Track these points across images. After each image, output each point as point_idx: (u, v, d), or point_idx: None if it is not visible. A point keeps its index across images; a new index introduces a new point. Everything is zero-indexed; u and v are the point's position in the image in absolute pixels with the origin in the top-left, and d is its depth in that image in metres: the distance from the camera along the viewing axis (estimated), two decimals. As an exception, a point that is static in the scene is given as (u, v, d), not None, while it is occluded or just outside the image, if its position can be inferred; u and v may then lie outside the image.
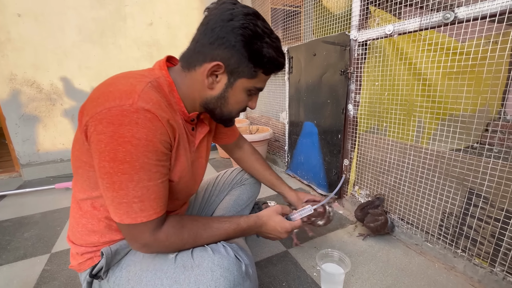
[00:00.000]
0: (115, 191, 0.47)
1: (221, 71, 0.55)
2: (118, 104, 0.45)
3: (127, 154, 0.45)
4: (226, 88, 0.57)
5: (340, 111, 1.26)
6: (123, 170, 0.46)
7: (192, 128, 0.64)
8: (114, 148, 0.45)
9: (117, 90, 0.47)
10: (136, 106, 0.45)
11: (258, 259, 0.96)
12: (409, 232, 1.03)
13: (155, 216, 0.51)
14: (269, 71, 0.58)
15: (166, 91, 0.54)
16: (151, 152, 0.47)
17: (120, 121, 0.44)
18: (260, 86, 0.60)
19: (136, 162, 0.46)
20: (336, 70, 1.25)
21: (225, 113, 0.62)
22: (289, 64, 1.67)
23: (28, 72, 1.79)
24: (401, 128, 1.02)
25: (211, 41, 0.53)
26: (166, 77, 0.56)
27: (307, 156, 1.60)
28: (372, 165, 1.16)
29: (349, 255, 0.96)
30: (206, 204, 0.97)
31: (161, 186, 0.51)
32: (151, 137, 0.47)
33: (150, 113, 0.46)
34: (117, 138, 0.44)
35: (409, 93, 0.96)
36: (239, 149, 0.97)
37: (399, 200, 1.06)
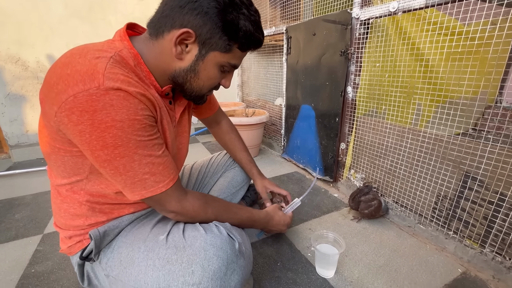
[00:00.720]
0: (123, 174, 0.47)
1: (192, 40, 0.49)
2: (83, 88, 0.40)
3: (116, 138, 0.43)
4: (197, 61, 0.52)
5: (339, 93, 1.23)
6: (121, 154, 0.45)
7: (169, 102, 0.60)
8: (100, 136, 0.42)
9: (76, 72, 0.41)
10: (104, 88, 0.41)
11: (253, 240, 0.96)
12: (402, 214, 1.04)
13: (172, 182, 0.52)
14: (245, 46, 0.53)
15: (131, 65, 0.49)
16: (140, 130, 0.45)
17: (93, 107, 0.40)
18: (234, 62, 0.56)
19: (129, 143, 0.44)
20: (336, 50, 1.21)
21: (195, 89, 0.57)
22: (287, 45, 1.61)
23: (12, 48, 1.70)
24: (400, 112, 1.00)
25: (181, 4, 0.48)
26: (130, 49, 0.50)
27: (303, 139, 1.59)
28: (369, 148, 1.15)
29: (343, 237, 0.98)
30: (200, 185, 0.96)
31: (164, 155, 0.51)
32: (133, 115, 0.44)
33: (121, 91, 0.42)
34: (98, 125, 0.42)
35: (410, 75, 0.94)
36: (216, 124, 0.95)
37: (394, 183, 1.06)
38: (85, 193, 0.54)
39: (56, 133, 0.46)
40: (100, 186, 0.54)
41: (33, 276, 0.81)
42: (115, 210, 0.60)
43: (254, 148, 1.83)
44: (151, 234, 0.58)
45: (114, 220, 0.60)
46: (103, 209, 0.58)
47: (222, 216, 0.63)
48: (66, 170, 0.52)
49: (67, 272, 0.82)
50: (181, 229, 0.58)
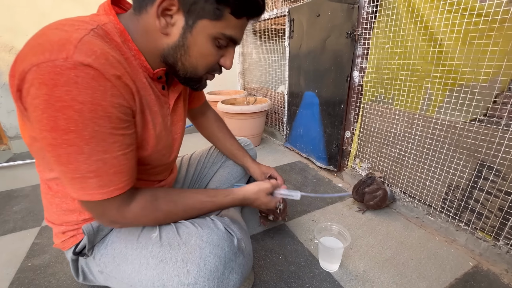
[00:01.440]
0: (64, 165, 0.39)
1: (175, 9, 0.42)
2: (48, 58, 0.34)
3: (70, 122, 0.36)
4: (185, 33, 0.44)
5: (344, 79, 1.17)
6: (69, 141, 0.37)
7: (162, 87, 0.53)
8: (53, 115, 0.36)
9: (48, 41, 0.36)
10: (72, 61, 0.34)
11: (255, 232, 0.93)
12: (410, 205, 1.00)
13: (117, 192, 0.43)
14: (240, 10, 0.44)
15: (118, 41, 0.43)
16: (101, 119, 0.38)
17: (54, 81, 0.34)
18: (230, 33, 0.46)
19: (84, 131, 0.37)
20: (341, 32, 1.13)
21: (189, 69, 0.48)
22: (290, 28, 1.53)
23: (4, 36, 1.64)
24: (410, 97, 0.93)
25: None
26: (116, 24, 0.44)
27: (306, 128, 1.53)
28: (375, 136, 1.10)
29: (348, 228, 0.94)
30: (199, 177, 0.93)
31: (123, 158, 0.42)
32: (99, 100, 0.37)
33: (92, 68, 0.36)
34: (54, 102, 0.35)
35: (422, 56, 0.87)
36: (202, 115, 0.88)
37: (402, 173, 1.01)
38: None
39: (22, 115, 0.41)
40: None
41: (29, 270, 0.79)
42: None
43: (255, 137, 1.78)
44: (144, 229, 0.55)
45: None
46: None
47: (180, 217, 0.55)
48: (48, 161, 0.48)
49: (64, 265, 0.80)
50: (174, 226, 0.55)
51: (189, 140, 1.53)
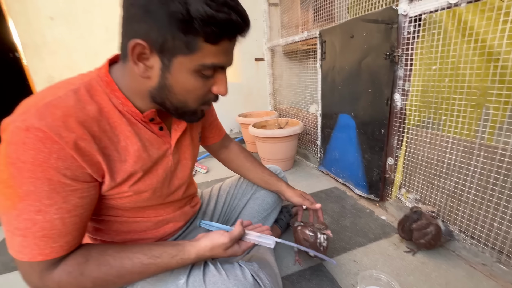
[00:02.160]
0: (1, 215, 0.41)
1: (148, 52, 0.41)
2: (14, 119, 0.38)
3: (10, 178, 0.38)
4: (163, 74, 0.43)
5: (384, 101, 1.08)
6: (6, 195, 0.39)
7: (159, 128, 0.53)
8: (0, 169, 0.39)
9: (25, 103, 0.41)
10: (26, 123, 0.37)
11: (289, 272, 0.87)
12: (473, 248, 0.85)
13: (40, 257, 0.40)
14: (213, 36, 0.40)
15: (101, 94, 0.45)
16: (39, 180, 0.38)
17: (9, 139, 0.38)
18: (212, 61, 0.43)
19: (19, 188, 0.38)
20: (379, 53, 1.06)
21: (178, 105, 0.48)
22: (321, 50, 1.49)
23: (63, 73, 1.87)
24: (466, 123, 0.82)
25: (127, 15, 0.41)
26: (104, 76, 0.46)
27: (342, 152, 1.44)
28: (424, 165, 0.98)
29: (396, 274, 0.82)
30: (229, 208, 0.90)
31: (59, 222, 0.40)
32: (40, 162, 0.38)
33: (41, 131, 0.37)
34: (3, 157, 0.38)
35: (480, 78, 0.76)
36: (225, 149, 0.86)
37: (461, 209, 0.87)
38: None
39: None
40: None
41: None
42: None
43: (288, 160, 1.73)
44: (172, 276, 0.54)
45: None
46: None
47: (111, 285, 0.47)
48: None
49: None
50: (202, 271, 0.54)
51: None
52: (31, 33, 1.75)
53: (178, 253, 0.50)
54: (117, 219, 0.56)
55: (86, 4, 1.80)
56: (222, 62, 0.45)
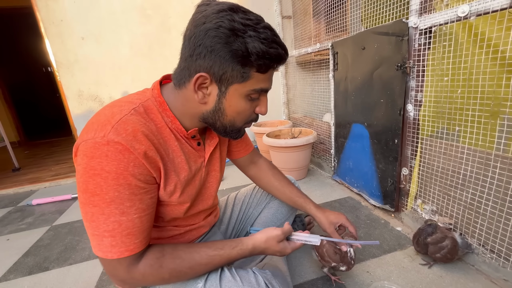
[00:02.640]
0: (88, 222, 0.47)
1: (209, 82, 0.50)
2: (92, 136, 0.45)
3: (97, 187, 0.44)
4: (220, 100, 0.52)
5: (397, 112, 1.08)
6: (94, 202, 0.45)
7: (197, 143, 0.61)
8: (86, 180, 0.45)
9: (97, 121, 0.47)
10: (107, 139, 0.44)
11: (301, 281, 0.88)
12: (494, 263, 0.82)
13: (127, 253, 0.47)
14: (264, 67, 0.49)
15: (156, 112, 0.53)
16: (121, 186, 0.45)
17: (92, 154, 0.44)
18: (260, 87, 0.52)
19: (106, 195, 0.45)
20: (391, 64, 1.07)
21: (228, 125, 0.56)
22: (334, 61, 1.52)
23: (91, 88, 2.02)
24: (482, 133, 0.81)
25: (190, 53, 0.48)
26: (157, 97, 0.54)
27: (356, 161, 1.44)
28: (440, 176, 0.96)
29: (411, 287, 0.81)
30: (244, 217, 0.94)
31: (138, 221, 0.48)
32: (121, 170, 0.45)
33: (120, 145, 0.45)
34: (88, 170, 0.44)
35: (493, 89, 0.75)
36: (254, 165, 0.88)
37: (479, 222, 0.85)
38: None
39: None
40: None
41: (97, 301, 0.88)
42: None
43: (301, 169, 1.75)
44: (190, 281, 0.58)
45: None
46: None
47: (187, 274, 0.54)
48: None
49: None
50: (219, 276, 0.57)
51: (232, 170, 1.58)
52: (65, 52, 1.92)
53: (238, 245, 0.58)
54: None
55: (113, 24, 1.96)
56: (267, 87, 0.54)
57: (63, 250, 1.21)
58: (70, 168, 2.50)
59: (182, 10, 2.08)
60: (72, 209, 1.66)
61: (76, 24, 1.90)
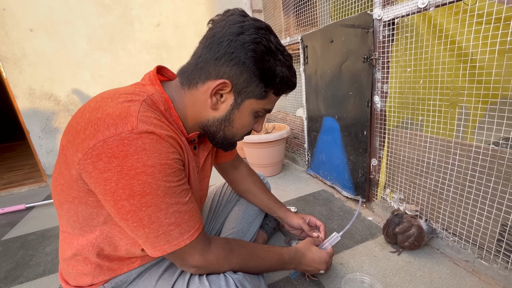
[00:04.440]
0: (147, 227, 0.43)
1: (227, 90, 0.49)
2: (114, 133, 0.38)
3: (145, 186, 0.40)
4: (232, 110, 0.51)
5: (365, 104, 1.09)
6: (147, 203, 0.41)
7: (194, 147, 0.58)
8: (128, 184, 0.39)
9: (108, 116, 0.40)
10: (137, 131, 0.39)
11: (276, 279, 0.86)
12: (456, 245, 0.86)
13: (197, 233, 0.48)
14: (280, 91, 0.53)
15: (162, 109, 0.48)
16: (170, 175, 0.43)
17: (123, 153, 0.38)
18: (269, 107, 0.55)
19: (158, 190, 0.41)
20: (357, 57, 1.08)
21: (229, 137, 0.56)
22: (304, 55, 1.51)
23: (45, 85, 1.83)
24: (442, 122, 0.84)
25: (217, 56, 0.46)
26: (162, 93, 0.50)
27: (329, 154, 1.45)
28: (406, 165, 0.99)
29: (382, 275, 0.83)
30: (214, 215, 0.90)
31: (190, 202, 0.47)
32: (165, 159, 0.42)
33: (155, 135, 0.41)
34: (127, 172, 0.39)
35: (452, 79, 0.78)
36: (234, 170, 0.87)
37: (442, 207, 0.89)
38: (95, 249, 0.51)
39: (75, 181, 0.43)
40: (113, 239, 0.50)
41: (52, 322, 0.79)
42: (125, 266, 0.56)
43: (276, 165, 1.73)
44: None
45: (122, 275, 0.56)
46: (112, 267, 0.54)
47: (248, 264, 0.57)
48: (79, 221, 0.49)
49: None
50: (186, 283, 0.53)
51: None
52: (10, 45, 1.71)
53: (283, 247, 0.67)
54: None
55: (67, 15, 1.78)
56: (272, 108, 0.57)
57: (14, 267, 1.07)
58: (25, 175, 2.27)
59: (145, 1, 1.95)
60: (26, 221, 1.49)
61: (22, 13, 1.69)
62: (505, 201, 0.71)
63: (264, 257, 0.60)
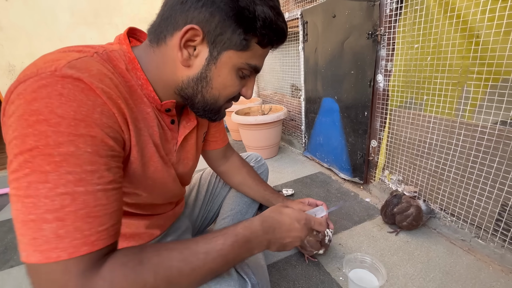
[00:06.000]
0: (20, 201, 0.28)
1: (199, 40, 0.39)
2: (35, 72, 0.30)
3: (40, 139, 0.28)
4: (208, 65, 0.42)
5: (367, 83, 1.06)
6: (33, 166, 0.28)
7: (171, 121, 0.49)
8: (23, 133, 0.28)
9: (42, 60, 0.32)
10: (60, 73, 0.30)
11: (275, 260, 0.85)
12: (453, 225, 0.87)
13: (84, 250, 0.29)
14: (266, 40, 0.42)
15: (122, 68, 0.39)
16: (82, 137, 0.30)
17: (34, 94, 0.29)
18: (255, 63, 0.44)
19: (54, 150, 0.28)
20: (361, 33, 1.03)
21: (209, 101, 0.46)
22: (303, 31, 1.44)
23: (25, 62, 1.71)
24: (448, 101, 0.81)
25: (183, 0, 0.38)
26: (127, 53, 0.42)
27: (327, 136, 1.43)
28: (407, 146, 0.98)
29: (381, 254, 0.83)
30: (211, 197, 0.87)
31: (102, 196, 0.31)
32: (83, 116, 0.30)
33: (82, 82, 0.31)
34: (27, 117, 0.28)
35: (462, 55, 0.74)
36: (226, 160, 0.79)
37: (442, 188, 0.88)
38: None
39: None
40: None
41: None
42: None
43: (272, 147, 1.70)
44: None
45: None
46: None
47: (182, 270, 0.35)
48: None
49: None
50: None
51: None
52: (-16, 17, 1.57)
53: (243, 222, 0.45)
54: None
55: (46, -17, 1.63)
56: (260, 65, 0.46)
57: (3, 251, 1.04)
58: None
59: (132, -29, 1.80)
60: (14, 204, 1.44)
61: (-5, -19, 1.54)
62: (507, 181, 0.70)
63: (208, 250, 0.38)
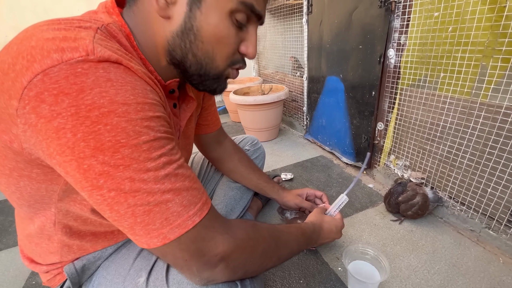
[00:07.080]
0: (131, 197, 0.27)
1: None
2: (60, 60, 0.24)
3: (118, 133, 0.26)
4: (191, 10, 0.33)
5: (376, 59, 0.96)
6: (125, 159, 0.26)
7: (174, 104, 0.43)
8: (92, 131, 0.25)
9: (48, 41, 0.25)
10: (96, 57, 0.26)
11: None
12: (462, 215, 0.81)
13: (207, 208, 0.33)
14: None
15: (126, 45, 0.34)
16: (153, 120, 0.29)
17: (78, 86, 0.24)
18: (251, 1, 0.34)
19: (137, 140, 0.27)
20: (373, 1, 0.91)
21: (203, 60, 0.36)
22: (308, 2, 1.31)
23: (9, 35, 1.60)
24: (468, 80, 0.72)
25: None
26: (121, 25, 0.34)
27: (330, 118, 1.34)
28: (417, 130, 0.90)
29: (383, 244, 0.78)
30: (204, 181, 0.84)
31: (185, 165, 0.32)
32: (142, 97, 0.28)
33: (122, 65, 0.28)
34: (86, 112, 0.25)
35: (490, 24, 0.64)
36: (218, 146, 0.73)
37: (453, 175, 0.81)
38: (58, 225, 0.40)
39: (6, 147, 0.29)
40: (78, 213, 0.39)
41: (32, 290, 0.75)
42: (99, 243, 0.47)
43: (272, 129, 1.63)
44: (132, 270, 0.45)
45: (95, 252, 0.48)
46: (83, 246, 0.45)
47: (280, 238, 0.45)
48: (24, 198, 0.36)
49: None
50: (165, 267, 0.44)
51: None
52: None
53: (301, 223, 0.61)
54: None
55: None
56: (260, 9, 0.36)
57: (-9, 234, 1.01)
58: None
59: None
60: (6, 185, 1.40)
61: None
62: (530, 170, 0.63)
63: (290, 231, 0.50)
